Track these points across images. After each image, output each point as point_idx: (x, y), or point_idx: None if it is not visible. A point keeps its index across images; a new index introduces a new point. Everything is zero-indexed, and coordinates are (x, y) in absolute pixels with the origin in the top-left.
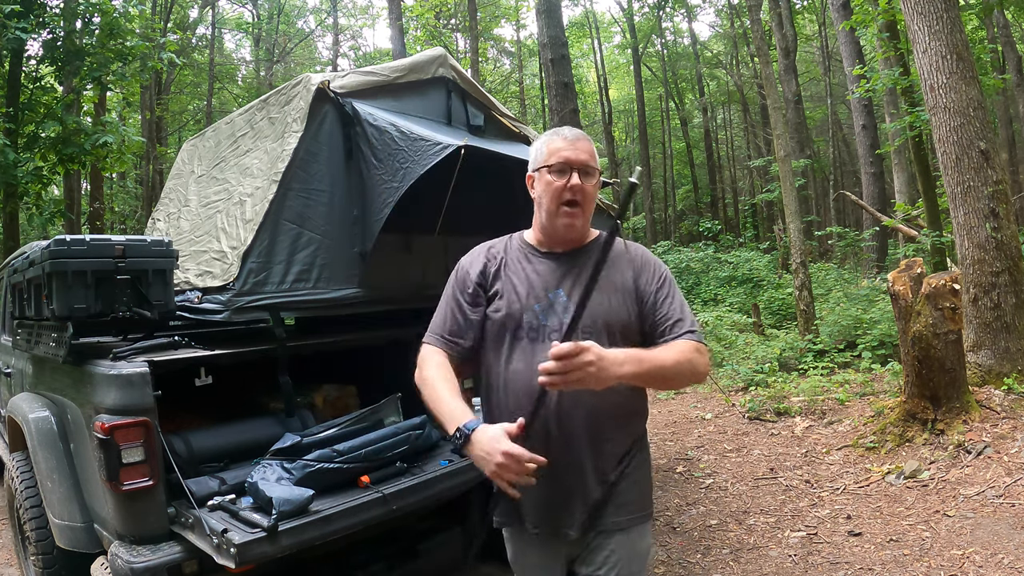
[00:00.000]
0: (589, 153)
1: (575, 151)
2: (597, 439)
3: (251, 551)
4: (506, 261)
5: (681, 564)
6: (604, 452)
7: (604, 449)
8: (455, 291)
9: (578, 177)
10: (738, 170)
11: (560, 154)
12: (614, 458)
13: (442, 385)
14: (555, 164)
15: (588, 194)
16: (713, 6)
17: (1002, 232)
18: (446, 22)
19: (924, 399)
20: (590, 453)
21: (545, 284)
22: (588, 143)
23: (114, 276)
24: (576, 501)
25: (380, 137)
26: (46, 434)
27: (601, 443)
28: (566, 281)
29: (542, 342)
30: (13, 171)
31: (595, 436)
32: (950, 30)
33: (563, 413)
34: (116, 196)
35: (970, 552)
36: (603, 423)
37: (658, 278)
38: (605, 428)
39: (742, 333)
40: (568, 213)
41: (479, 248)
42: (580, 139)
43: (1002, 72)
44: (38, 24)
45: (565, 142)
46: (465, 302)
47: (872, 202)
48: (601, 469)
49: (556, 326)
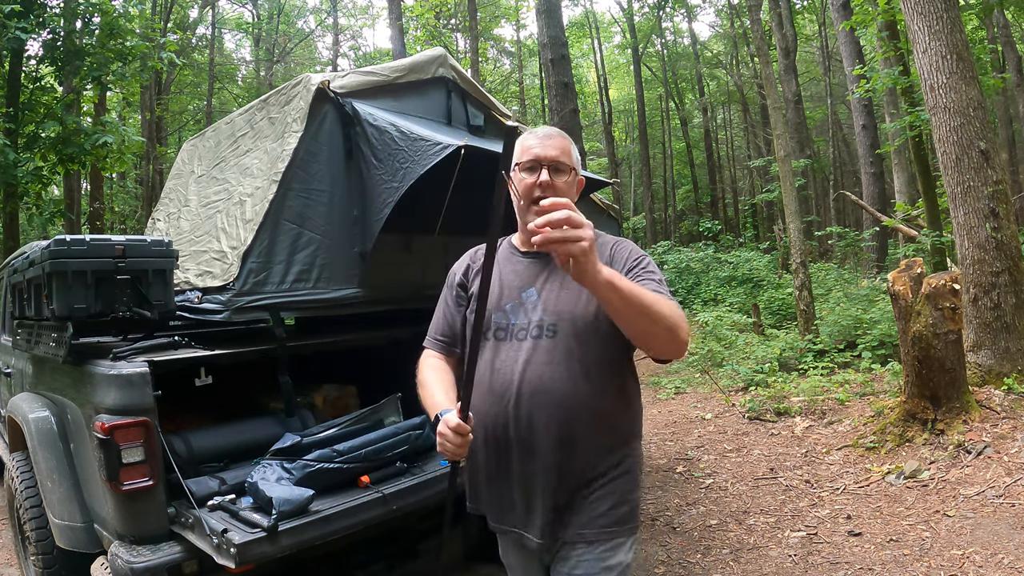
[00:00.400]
0: (560, 149)
1: (544, 147)
2: (566, 443)
3: (251, 551)
4: None
5: (681, 564)
6: (574, 457)
7: (574, 454)
8: (445, 293)
9: (548, 174)
10: (738, 170)
11: (531, 151)
12: (586, 466)
13: (433, 385)
14: (525, 161)
15: (559, 190)
16: (713, 6)
17: (1002, 232)
18: (446, 22)
19: (924, 399)
20: (556, 458)
21: (521, 284)
22: (562, 139)
23: (114, 276)
24: (536, 504)
25: (380, 137)
26: (46, 434)
27: (570, 447)
28: (540, 279)
29: (508, 341)
30: (13, 171)
31: (564, 440)
32: (950, 30)
33: (523, 414)
34: (116, 196)
35: (970, 552)
36: (574, 427)
37: (633, 258)
38: (576, 432)
39: (742, 333)
40: (538, 211)
41: (471, 250)
42: (552, 136)
43: (1002, 72)
44: (38, 24)
45: (536, 139)
46: (452, 304)
47: (872, 202)
48: (568, 475)
49: (524, 324)
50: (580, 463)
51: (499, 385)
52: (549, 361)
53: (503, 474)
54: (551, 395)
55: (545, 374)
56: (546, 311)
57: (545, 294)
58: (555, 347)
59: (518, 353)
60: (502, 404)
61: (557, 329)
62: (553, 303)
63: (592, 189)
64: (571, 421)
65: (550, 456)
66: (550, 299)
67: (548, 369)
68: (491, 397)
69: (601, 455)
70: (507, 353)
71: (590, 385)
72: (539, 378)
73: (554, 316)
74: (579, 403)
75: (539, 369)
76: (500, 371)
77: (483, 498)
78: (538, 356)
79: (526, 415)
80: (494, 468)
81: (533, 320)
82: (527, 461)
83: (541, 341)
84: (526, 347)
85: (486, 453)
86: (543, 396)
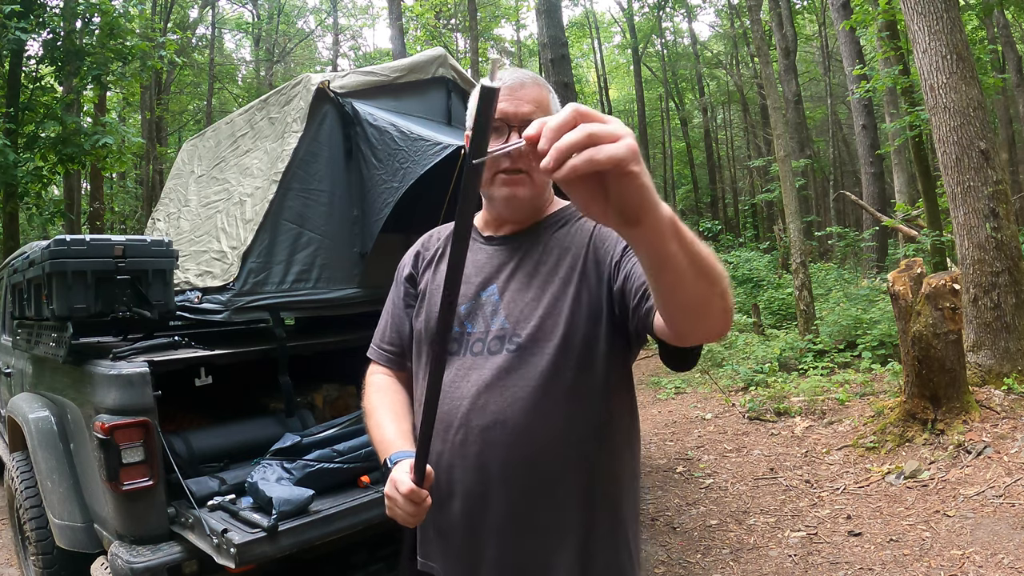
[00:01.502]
0: (535, 102)
1: (514, 101)
2: (528, 494)
3: (251, 551)
4: (445, 251)
5: (681, 564)
6: (536, 512)
7: (536, 508)
8: (393, 292)
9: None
10: (738, 170)
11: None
12: (558, 528)
13: (381, 413)
14: None
15: None
16: (713, 6)
17: (1002, 232)
18: (446, 22)
19: (924, 399)
20: (512, 510)
21: (481, 279)
22: (537, 88)
23: (114, 276)
24: (488, 569)
25: (380, 137)
26: (46, 434)
27: (531, 500)
28: (502, 274)
29: (460, 355)
30: (13, 171)
31: (526, 490)
32: (950, 30)
33: (472, 453)
34: (116, 196)
35: (970, 552)
36: (538, 473)
37: (623, 242)
38: (541, 480)
39: (742, 333)
40: (507, 181)
41: (428, 233)
42: (525, 84)
43: (1002, 72)
44: (38, 24)
45: (504, 91)
46: (401, 305)
47: (872, 202)
48: (528, 533)
49: (481, 333)
50: (544, 520)
51: (445, 414)
52: (510, 384)
53: (451, 527)
54: (509, 431)
55: (504, 402)
56: (508, 317)
57: (509, 295)
58: (518, 366)
59: (470, 372)
60: (447, 439)
61: (521, 342)
62: (518, 306)
63: None
64: (535, 466)
65: (504, 508)
66: (514, 300)
67: (507, 395)
68: (444, 425)
69: (573, 511)
70: (457, 371)
71: (566, 407)
72: (496, 408)
73: (518, 323)
74: (547, 443)
75: (496, 395)
76: (448, 395)
77: (433, 553)
78: (496, 378)
79: (475, 455)
80: (442, 519)
81: (492, 329)
82: (478, 514)
83: (501, 357)
84: (481, 364)
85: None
86: (499, 432)
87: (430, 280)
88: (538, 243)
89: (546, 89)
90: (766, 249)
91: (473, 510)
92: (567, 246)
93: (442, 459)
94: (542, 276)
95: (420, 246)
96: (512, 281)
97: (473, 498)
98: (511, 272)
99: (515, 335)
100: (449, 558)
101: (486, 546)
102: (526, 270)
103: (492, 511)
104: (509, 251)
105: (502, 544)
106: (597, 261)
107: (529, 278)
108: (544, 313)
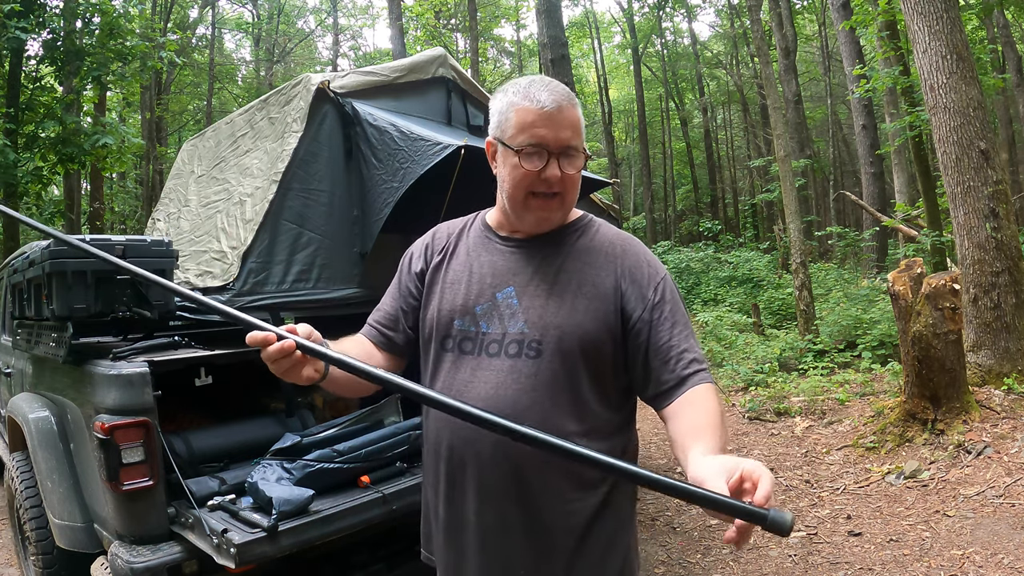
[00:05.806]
0: (573, 127)
1: (554, 127)
2: (539, 495)
3: (251, 551)
4: (456, 248)
5: (681, 564)
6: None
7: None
8: (397, 276)
9: (558, 166)
10: (738, 170)
11: (534, 132)
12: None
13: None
14: (525, 143)
15: (572, 181)
16: (713, 6)
17: (1002, 232)
18: (446, 22)
19: (924, 399)
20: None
21: (496, 281)
22: (572, 109)
23: (114, 276)
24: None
25: (380, 137)
26: (46, 434)
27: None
28: (522, 277)
29: (475, 355)
30: (13, 171)
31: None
32: (950, 30)
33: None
34: (116, 196)
35: (970, 552)
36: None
37: (656, 288)
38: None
39: (742, 333)
40: (542, 205)
41: (437, 227)
42: (563, 107)
43: (1002, 72)
44: (38, 24)
45: (540, 114)
46: (402, 291)
47: (872, 202)
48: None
49: (497, 335)
50: (547, 520)
51: None
52: (527, 389)
53: (455, 523)
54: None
55: (520, 406)
56: (528, 322)
57: (528, 299)
58: (537, 372)
59: (487, 374)
60: (457, 437)
61: (542, 347)
62: (539, 312)
63: (592, 189)
64: (542, 469)
65: (509, 508)
66: (535, 306)
67: (525, 400)
68: (449, 426)
69: (577, 514)
70: (472, 371)
71: (580, 426)
72: (512, 411)
73: (539, 329)
74: None
75: (513, 398)
76: (461, 394)
77: (436, 548)
78: (513, 381)
79: (485, 457)
80: (448, 515)
81: (510, 332)
82: (483, 512)
83: (519, 361)
84: (498, 367)
85: (438, 492)
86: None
87: (441, 275)
88: (558, 250)
89: (577, 107)
90: (766, 249)
91: (478, 508)
92: (589, 261)
93: (452, 456)
94: (563, 285)
95: (430, 237)
96: (531, 285)
97: (479, 497)
98: (530, 276)
99: (535, 341)
100: (450, 553)
101: (488, 544)
102: (547, 276)
103: (496, 510)
104: (527, 254)
105: (504, 543)
106: (622, 292)
107: (550, 285)
108: (566, 323)
